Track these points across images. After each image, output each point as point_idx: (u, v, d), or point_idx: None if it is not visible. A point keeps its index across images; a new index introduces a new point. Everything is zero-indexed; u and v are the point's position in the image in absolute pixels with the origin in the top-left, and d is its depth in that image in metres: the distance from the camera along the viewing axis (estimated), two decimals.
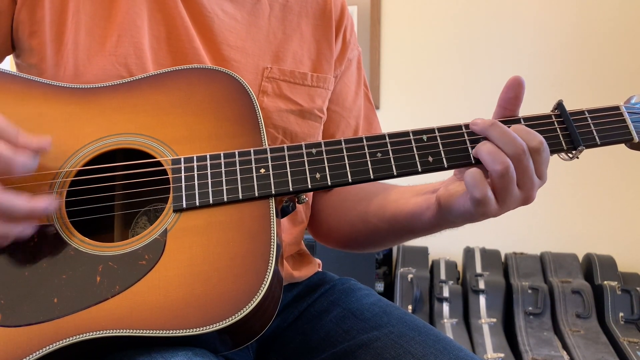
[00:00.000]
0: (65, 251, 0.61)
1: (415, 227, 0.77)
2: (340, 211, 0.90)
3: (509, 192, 0.64)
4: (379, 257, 2.46)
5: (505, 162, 0.63)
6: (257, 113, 0.70)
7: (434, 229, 0.76)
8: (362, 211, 0.85)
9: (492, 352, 1.96)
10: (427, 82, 2.57)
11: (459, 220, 0.70)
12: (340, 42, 0.92)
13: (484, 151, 0.64)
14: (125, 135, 0.68)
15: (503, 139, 0.64)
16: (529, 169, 0.64)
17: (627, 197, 2.41)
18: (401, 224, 0.79)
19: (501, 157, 0.63)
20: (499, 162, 0.63)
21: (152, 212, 0.73)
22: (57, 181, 0.65)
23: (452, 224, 0.72)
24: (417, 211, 0.74)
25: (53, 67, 0.74)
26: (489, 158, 0.63)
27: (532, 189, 0.65)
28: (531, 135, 0.65)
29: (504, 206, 0.65)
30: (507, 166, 0.62)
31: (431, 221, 0.73)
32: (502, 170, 0.62)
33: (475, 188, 0.62)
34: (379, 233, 0.84)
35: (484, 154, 0.64)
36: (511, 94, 0.68)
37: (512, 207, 0.66)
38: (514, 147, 0.63)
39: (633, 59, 2.39)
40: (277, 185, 0.65)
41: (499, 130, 0.64)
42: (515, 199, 0.65)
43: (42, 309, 0.58)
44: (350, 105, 0.94)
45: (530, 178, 0.64)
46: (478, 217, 0.66)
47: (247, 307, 0.56)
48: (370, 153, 0.67)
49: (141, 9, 0.76)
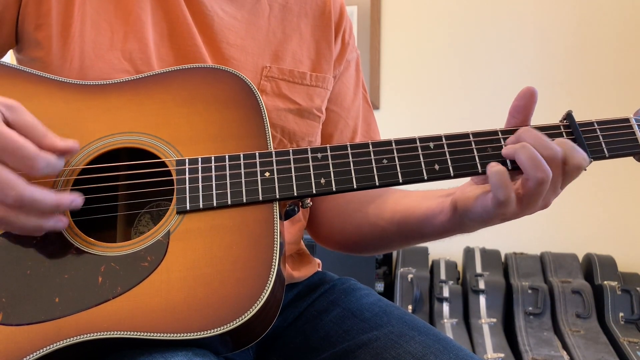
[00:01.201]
0: (67, 251, 0.61)
1: (426, 231, 0.77)
2: (345, 213, 0.89)
3: (537, 199, 0.63)
4: (379, 257, 2.46)
5: (547, 171, 0.62)
6: (263, 115, 0.69)
7: (444, 234, 0.75)
8: (368, 213, 0.85)
9: (492, 352, 1.96)
10: (426, 82, 2.57)
11: (474, 224, 0.69)
12: (339, 43, 0.92)
13: (524, 155, 0.63)
14: (130, 134, 0.68)
15: (541, 143, 0.63)
16: (558, 181, 0.64)
17: (627, 197, 2.41)
18: (410, 227, 0.78)
19: (543, 165, 0.62)
20: (541, 169, 0.62)
21: (155, 211, 0.73)
22: (60, 179, 0.65)
23: (465, 228, 0.72)
24: (430, 214, 0.74)
25: (59, 60, 0.74)
26: (530, 164, 0.62)
27: (552, 197, 0.65)
28: (576, 151, 0.64)
29: (524, 211, 0.64)
30: (548, 175, 0.62)
31: (444, 225, 0.72)
32: (543, 178, 0.62)
33: (500, 189, 0.61)
34: (386, 236, 0.84)
35: (524, 159, 0.62)
36: (521, 102, 0.67)
37: (531, 212, 0.65)
38: (553, 155, 0.63)
39: (636, 60, 2.38)
40: (281, 189, 0.65)
41: (534, 135, 0.64)
42: (537, 206, 0.65)
43: (43, 309, 0.58)
44: (349, 106, 0.94)
45: (556, 189, 0.64)
46: (495, 219, 0.66)
47: (248, 312, 0.56)
48: (376, 159, 0.66)
49: (145, 4, 0.77)
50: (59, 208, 0.59)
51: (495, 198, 0.62)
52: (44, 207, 0.57)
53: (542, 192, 0.63)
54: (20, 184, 0.56)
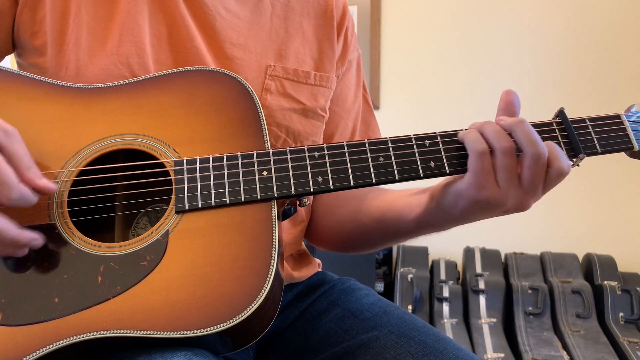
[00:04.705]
0: (66, 251, 0.61)
1: (402, 227, 0.77)
2: (331, 210, 0.90)
3: (511, 177, 0.63)
4: (379, 257, 2.46)
5: (543, 147, 0.62)
6: (260, 115, 0.70)
7: (419, 229, 0.75)
8: (352, 209, 0.85)
9: (492, 352, 1.96)
10: (427, 82, 2.57)
11: (450, 212, 0.68)
12: (341, 42, 0.92)
13: (489, 130, 0.64)
14: (128, 136, 0.68)
15: (527, 137, 0.63)
16: (538, 175, 0.63)
17: (627, 197, 2.41)
18: (388, 223, 0.79)
19: (506, 137, 0.63)
20: (504, 139, 0.63)
21: (153, 212, 0.73)
22: (58, 181, 0.65)
23: (441, 221, 0.71)
24: (407, 210, 0.75)
25: (55, 67, 0.74)
26: (494, 136, 0.63)
27: (532, 195, 0.65)
28: (561, 156, 0.64)
29: (502, 191, 0.63)
30: (544, 151, 0.62)
31: (419, 219, 0.72)
32: (539, 154, 0.62)
33: (475, 142, 0.63)
34: (367, 232, 0.84)
35: (489, 132, 0.64)
36: (501, 104, 0.69)
37: (510, 199, 0.64)
38: (534, 148, 0.62)
39: (634, 60, 2.39)
40: (279, 188, 0.65)
41: (525, 128, 0.64)
42: (514, 191, 0.64)
43: (42, 309, 0.58)
44: (350, 107, 0.94)
45: (535, 185, 0.64)
46: (474, 207, 0.65)
47: (248, 309, 0.57)
48: (373, 157, 0.67)
49: (142, 8, 0.76)
50: (17, 244, 0.59)
51: (472, 162, 0.63)
52: (2, 239, 0.58)
53: (511, 167, 0.63)
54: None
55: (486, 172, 0.63)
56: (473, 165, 0.63)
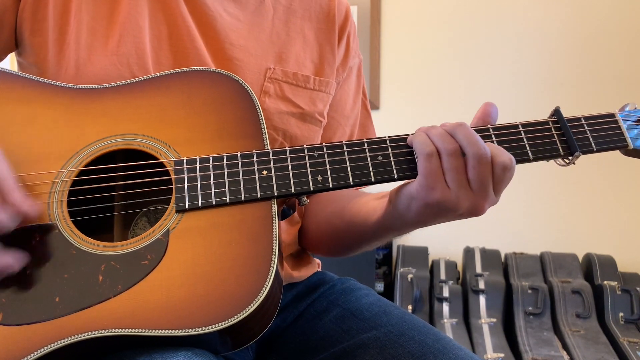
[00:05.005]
0: (67, 250, 0.62)
1: (366, 231, 0.77)
2: (312, 213, 0.90)
3: (459, 178, 0.63)
4: (379, 257, 2.46)
5: (454, 143, 0.63)
6: (259, 116, 0.70)
7: (380, 234, 0.75)
8: (329, 212, 0.86)
9: (492, 352, 1.96)
10: (426, 82, 2.57)
11: (406, 214, 0.68)
12: (343, 47, 0.92)
13: (434, 133, 0.65)
14: (128, 136, 0.68)
15: (468, 139, 0.64)
16: (484, 175, 0.63)
17: (627, 197, 2.41)
18: (356, 226, 0.79)
19: (449, 138, 0.64)
20: (448, 141, 0.63)
21: (152, 213, 0.73)
22: (58, 181, 0.65)
23: (398, 223, 0.71)
24: (371, 212, 0.75)
25: (54, 66, 0.74)
26: (438, 139, 0.64)
27: (483, 197, 0.64)
28: (501, 151, 0.65)
29: (452, 193, 0.63)
30: (456, 147, 0.63)
31: (379, 221, 0.73)
32: (451, 149, 0.63)
33: (422, 144, 0.63)
34: (339, 235, 0.84)
35: (434, 135, 0.65)
36: (478, 114, 0.70)
37: (462, 201, 0.64)
38: (475, 148, 0.63)
39: (628, 60, 2.39)
40: (279, 187, 0.65)
41: (465, 131, 0.64)
42: (464, 193, 0.64)
43: (43, 308, 0.58)
44: (349, 114, 0.94)
45: (484, 185, 0.64)
46: (428, 199, 0.64)
47: (249, 308, 0.57)
48: (372, 156, 0.68)
49: (143, 8, 0.77)
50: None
51: (420, 175, 0.63)
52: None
53: (457, 167, 0.63)
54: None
55: (434, 174, 0.64)
56: (421, 167, 0.64)
